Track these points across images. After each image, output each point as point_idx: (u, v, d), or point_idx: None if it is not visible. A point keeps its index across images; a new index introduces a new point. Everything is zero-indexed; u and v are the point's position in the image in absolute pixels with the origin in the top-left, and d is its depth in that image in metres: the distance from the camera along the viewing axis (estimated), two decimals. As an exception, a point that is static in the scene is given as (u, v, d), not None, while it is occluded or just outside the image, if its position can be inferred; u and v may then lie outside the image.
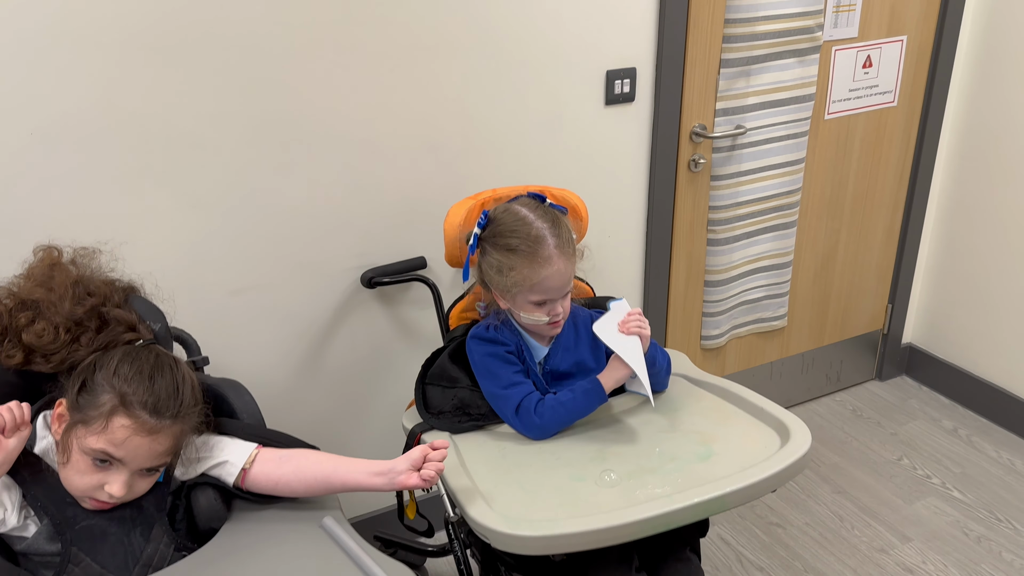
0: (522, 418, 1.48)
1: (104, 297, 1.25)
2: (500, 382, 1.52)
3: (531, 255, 1.46)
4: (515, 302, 1.52)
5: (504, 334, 1.57)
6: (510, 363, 1.54)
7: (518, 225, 1.48)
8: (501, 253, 1.48)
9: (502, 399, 1.51)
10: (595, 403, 1.48)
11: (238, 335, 1.87)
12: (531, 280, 1.46)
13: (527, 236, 1.47)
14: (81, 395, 1.16)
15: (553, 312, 1.50)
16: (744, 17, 2.18)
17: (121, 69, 1.58)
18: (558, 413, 1.48)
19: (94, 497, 1.17)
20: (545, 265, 1.45)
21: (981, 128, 2.61)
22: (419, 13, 1.81)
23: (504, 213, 1.52)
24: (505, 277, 1.47)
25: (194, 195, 1.73)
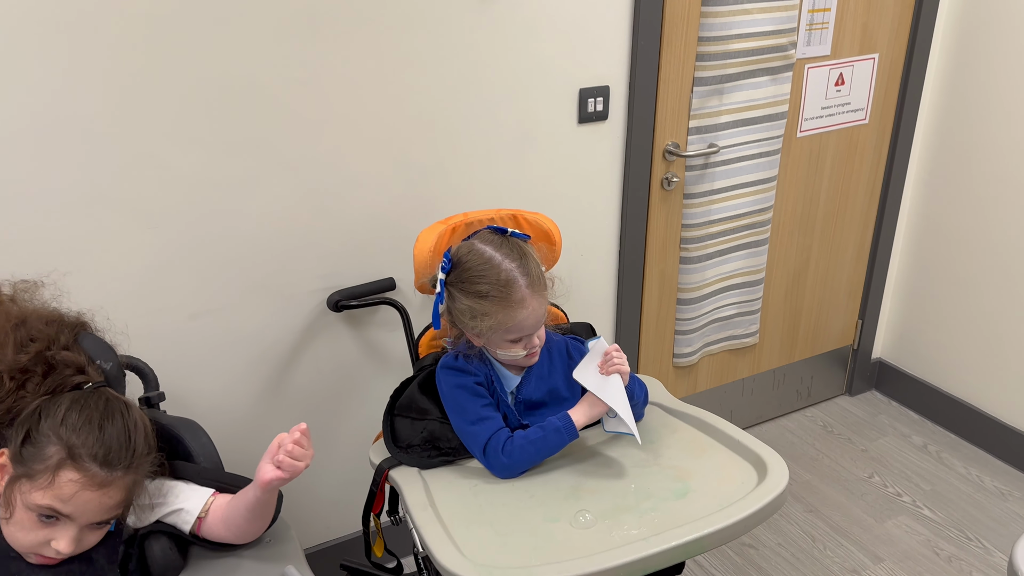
0: (490, 457, 1.44)
1: (49, 340, 1.17)
2: (468, 417, 1.47)
3: (503, 300, 1.41)
4: (491, 341, 1.47)
5: (474, 364, 1.52)
6: (479, 396, 1.49)
7: (486, 269, 1.42)
8: (471, 299, 1.43)
9: (470, 436, 1.47)
10: (566, 441, 1.44)
11: (197, 361, 1.80)
12: (505, 324, 1.42)
13: (497, 281, 1.41)
14: (25, 447, 1.09)
15: (530, 345, 1.47)
16: (718, 35, 2.16)
17: (70, 81, 1.50)
18: (527, 452, 1.44)
19: (40, 553, 1.10)
20: (519, 308, 1.41)
21: (951, 146, 2.62)
22: (387, 28, 1.75)
23: (469, 255, 1.45)
24: (479, 322, 1.43)
25: (149, 216, 1.65)
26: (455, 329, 1.52)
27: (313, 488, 2.06)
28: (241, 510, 1.21)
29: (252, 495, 1.20)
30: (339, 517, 2.13)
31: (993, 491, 2.53)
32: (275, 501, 1.26)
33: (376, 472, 1.50)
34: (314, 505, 2.08)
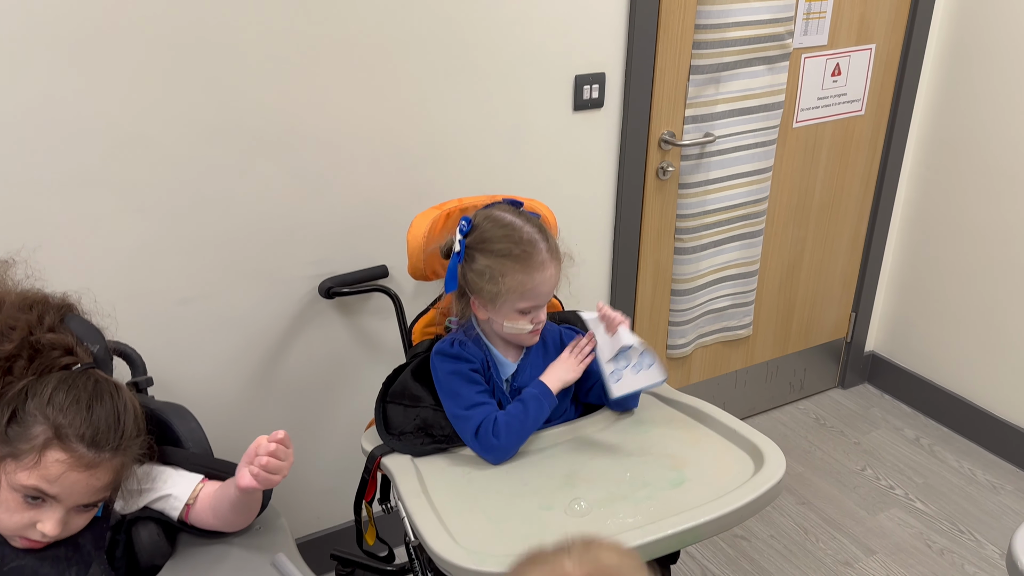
0: (482, 440, 1.42)
1: (30, 324, 1.14)
2: (462, 402, 1.46)
3: (525, 260, 1.41)
4: (499, 311, 1.46)
5: (470, 349, 1.50)
6: (474, 382, 1.48)
7: (509, 230, 1.43)
8: (492, 259, 1.42)
9: (463, 420, 1.45)
10: (546, 408, 1.45)
11: (186, 347, 1.77)
12: (525, 286, 1.41)
13: (520, 240, 1.42)
14: (11, 426, 1.06)
15: (537, 320, 1.47)
16: (715, 23, 2.14)
17: (61, 66, 1.47)
18: (512, 428, 1.43)
19: (25, 536, 1.08)
20: (539, 270, 1.41)
21: (946, 139, 2.61)
22: (382, 14, 1.72)
23: (488, 219, 1.46)
24: (496, 284, 1.41)
25: (139, 199, 1.63)
26: (461, 303, 1.50)
27: (303, 477, 2.03)
28: (225, 503, 1.19)
29: (233, 492, 1.16)
30: (329, 507, 2.11)
31: (985, 484, 2.53)
32: (258, 498, 1.22)
33: (368, 459, 1.48)
34: (304, 494, 2.06)
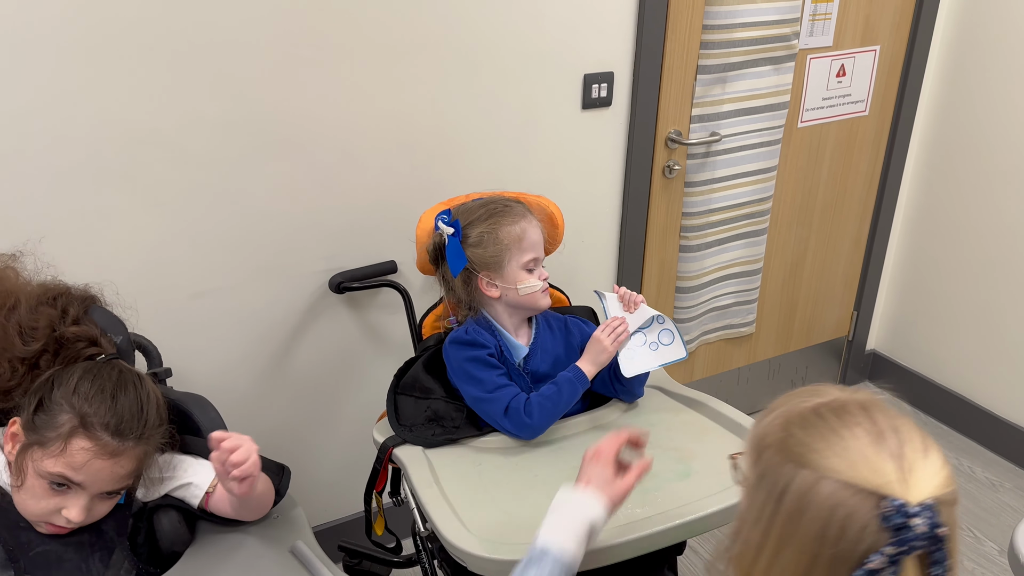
0: (512, 419, 1.45)
1: (52, 320, 1.16)
2: (485, 386, 1.48)
3: (509, 212, 1.52)
4: (506, 276, 1.51)
5: (483, 336, 1.53)
6: (492, 366, 1.51)
7: (485, 200, 1.57)
8: (482, 224, 1.52)
9: (488, 402, 1.47)
10: (579, 390, 1.50)
11: (199, 339, 1.80)
12: (519, 235, 1.50)
13: (498, 201, 1.55)
14: (38, 415, 1.09)
15: (542, 276, 1.54)
16: (722, 24, 2.17)
17: (80, 63, 1.50)
18: (546, 408, 1.47)
19: (50, 522, 1.11)
20: (524, 218, 1.52)
21: (949, 140, 2.64)
22: (394, 12, 1.75)
23: (462, 206, 1.58)
24: (496, 243, 1.50)
25: (154, 194, 1.65)
26: (467, 289, 1.54)
27: (311, 470, 2.06)
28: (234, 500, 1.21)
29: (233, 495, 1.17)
30: (337, 499, 2.13)
31: (984, 482, 2.56)
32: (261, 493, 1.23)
33: (380, 450, 1.50)
34: (312, 486, 2.09)
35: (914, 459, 0.76)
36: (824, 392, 0.84)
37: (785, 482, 0.78)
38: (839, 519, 0.74)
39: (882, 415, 0.80)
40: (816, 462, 0.76)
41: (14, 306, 1.19)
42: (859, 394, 0.83)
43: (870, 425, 0.78)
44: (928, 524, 0.73)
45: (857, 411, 0.80)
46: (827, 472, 0.76)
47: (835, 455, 0.76)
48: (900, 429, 0.78)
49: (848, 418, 0.79)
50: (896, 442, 0.77)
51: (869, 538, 0.73)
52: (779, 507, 0.78)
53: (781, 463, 0.79)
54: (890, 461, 0.75)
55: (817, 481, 0.76)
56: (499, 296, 1.53)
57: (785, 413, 0.83)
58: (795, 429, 0.80)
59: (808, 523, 0.76)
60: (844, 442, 0.77)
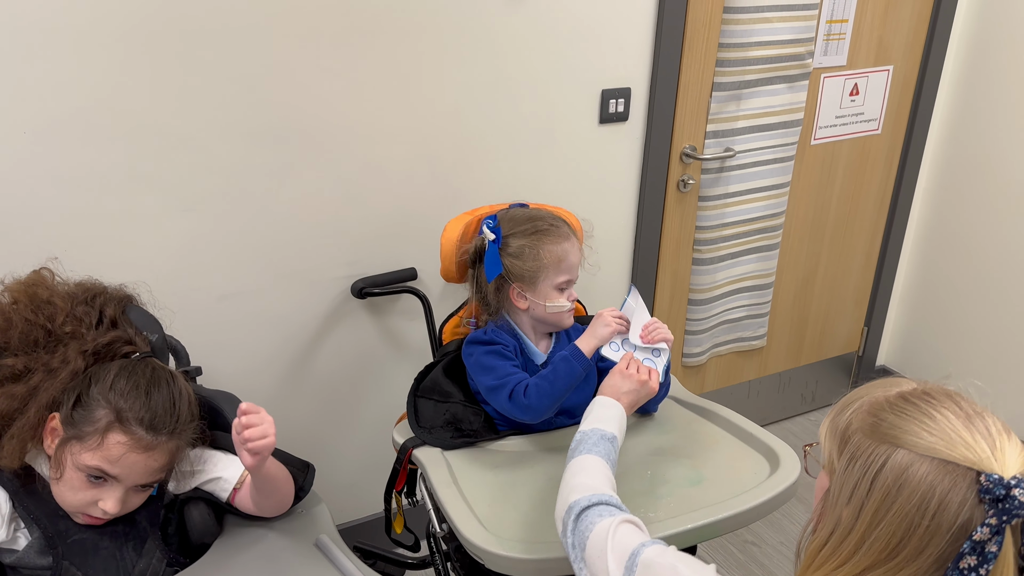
0: (515, 401, 1.48)
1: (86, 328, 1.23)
2: (497, 374, 1.52)
3: (554, 232, 1.55)
4: (538, 291, 1.54)
5: (502, 336, 1.58)
6: (507, 358, 1.55)
7: (534, 213, 1.59)
8: (525, 238, 1.54)
9: (497, 390, 1.50)
10: (575, 367, 1.47)
11: (224, 341, 1.85)
12: (559, 255, 1.53)
13: (545, 218, 1.58)
14: (76, 410, 1.14)
15: (571, 296, 1.57)
16: (738, 42, 2.21)
17: (116, 69, 1.56)
18: (542, 389, 1.47)
19: (87, 513, 1.15)
20: (567, 240, 1.56)
21: (960, 159, 2.67)
22: (419, 26, 1.80)
23: (509, 214, 1.61)
24: (535, 259, 1.53)
25: (186, 199, 1.71)
26: (498, 296, 1.58)
27: (329, 471, 2.10)
28: (252, 489, 1.25)
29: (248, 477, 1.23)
30: (353, 500, 2.17)
31: (992, 498, 2.57)
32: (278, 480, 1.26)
33: (400, 450, 1.54)
34: (330, 488, 2.11)
35: (1001, 439, 0.83)
36: (902, 383, 0.91)
37: (881, 462, 0.83)
38: (939, 494, 0.80)
39: (965, 401, 0.87)
40: (912, 442, 0.82)
41: (49, 301, 1.24)
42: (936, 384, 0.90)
43: (956, 407, 0.85)
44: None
45: (943, 396, 0.86)
46: (925, 451, 0.81)
47: (930, 434, 0.82)
48: (984, 413, 0.86)
49: (936, 403, 0.85)
50: (983, 424, 0.84)
51: (966, 512, 0.79)
52: (873, 485, 0.83)
53: (874, 445, 0.84)
54: (983, 440, 0.82)
55: (914, 460, 0.82)
56: (527, 308, 1.57)
57: (869, 401, 0.89)
58: (885, 414, 0.86)
59: (906, 499, 0.81)
60: (938, 423, 0.83)
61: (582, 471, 1.15)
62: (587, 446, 1.20)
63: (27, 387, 1.15)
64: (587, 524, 1.05)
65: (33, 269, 1.32)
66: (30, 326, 1.19)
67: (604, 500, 1.08)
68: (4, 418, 1.14)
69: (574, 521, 1.07)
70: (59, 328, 1.21)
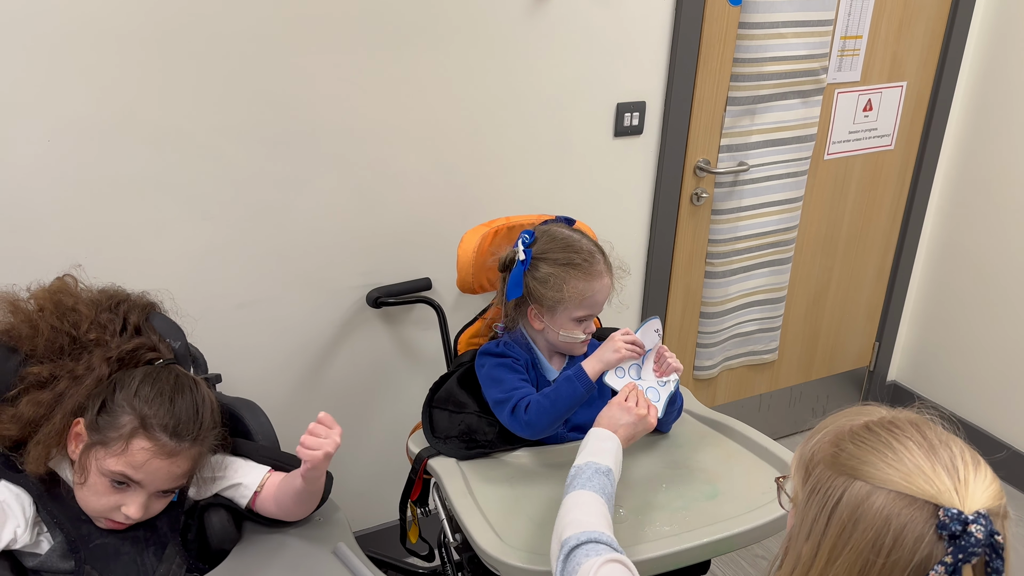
0: (516, 417, 1.49)
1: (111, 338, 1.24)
2: (504, 387, 1.53)
3: (586, 268, 1.51)
4: (556, 319, 1.54)
5: (515, 350, 1.59)
6: (516, 371, 1.56)
7: (569, 241, 1.55)
8: (555, 267, 1.52)
9: (503, 404, 1.51)
10: (578, 388, 1.45)
11: (240, 349, 1.86)
12: (584, 294, 1.50)
13: (581, 250, 1.53)
14: (101, 415, 1.15)
15: (588, 329, 1.56)
16: (752, 57, 2.23)
17: (140, 78, 1.58)
18: (543, 407, 1.48)
19: (110, 517, 1.16)
20: (598, 278, 1.52)
21: (973, 176, 2.68)
22: (438, 39, 1.82)
23: (548, 233, 1.57)
24: (559, 291, 1.50)
25: (205, 207, 1.72)
26: (517, 312, 1.58)
27: (341, 480, 2.08)
28: (290, 492, 1.27)
29: (298, 481, 1.24)
30: (365, 510, 2.18)
31: (1003, 515, 2.57)
32: (321, 488, 1.30)
33: (416, 460, 1.55)
34: (340, 497, 2.11)
35: (966, 472, 0.77)
36: (871, 411, 0.86)
37: (838, 495, 0.79)
38: (894, 529, 0.75)
39: (931, 430, 0.82)
40: (870, 474, 0.78)
41: (73, 308, 1.26)
42: (905, 412, 0.85)
43: (922, 439, 0.80)
44: (985, 532, 0.73)
45: (908, 426, 0.82)
46: (881, 483, 0.77)
47: (889, 466, 0.77)
48: (951, 443, 0.80)
49: (899, 432, 0.81)
50: (948, 455, 0.78)
51: (924, 549, 0.74)
52: (831, 520, 0.79)
53: (833, 477, 0.80)
54: (944, 473, 0.77)
55: (871, 492, 0.77)
56: (541, 330, 1.58)
57: (834, 431, 0.84)
58: (846, 444, 0.81)
59: (861, 534, 0.76)
60: (897, 454, 0.78)
61: (576, 507, 1.13)
62: (582, 481, 1.18)
63: (53, 394, 1.17)
64: (575, 563, 1.03)
65: (57, 276, 1.33)
66: (56, 333, 1.21)
67: (595, 538, 1.05)
68: (30, 424, 1.16)
69: (563, 559, 1.05)
70: (84, 335, 1.23)
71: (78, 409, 1.17)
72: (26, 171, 1.54)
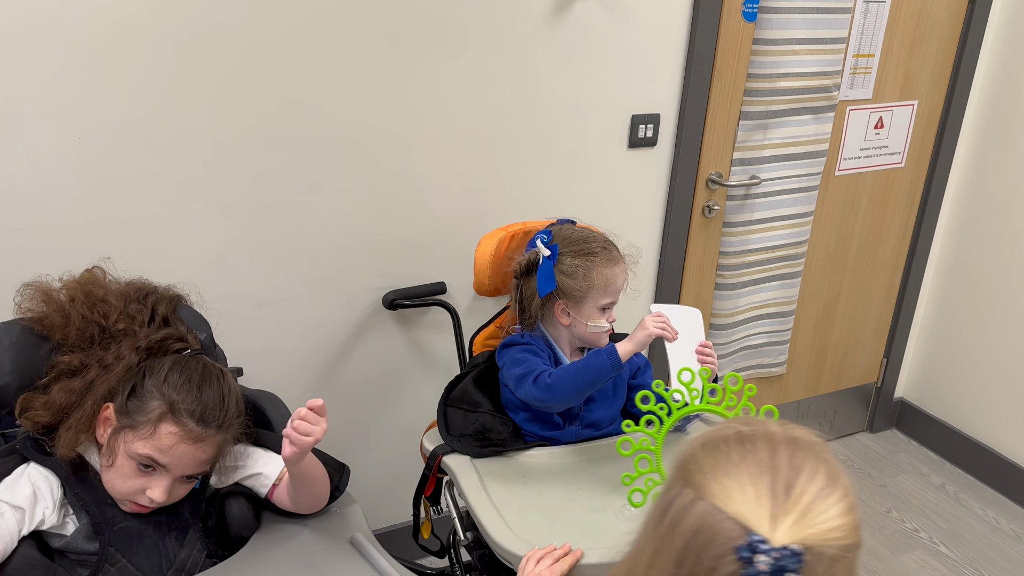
0: (539, 384, 1.51)
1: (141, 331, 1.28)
2: (527, 366, 1.55)
3: (607, 255, 1.59)
4: (583, 310, 1.58)
5: (538, 343, 1.62)
6: (540, 357, 1.60)
7: (587, 234, 1.63)
8: (579, 258, 1.58)
9: (524, 377, 1.53)
10: (605, 364, 1.48)
11: (258, 347, 1.90)
12: (608, 279, 1.57)
13: (599, 240, 1.62)
14: (130, 400, 1.18)
15: (611, 318, 1.61)
16: (766, 73, 2.26)
17: (168, 81, 1.62)
18: (568, 372, 1.50)
19: (135, 501, 1.19)
20: (617, 264, 1.60)
21: (982, 195, 2.71)
22: (459, 48, 1.87)
23: (563, 231, 1.64)
24: (586, 279, 1.56)
25: (228, 207, 1.76)
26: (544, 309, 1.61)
27: (353, 479, 2.12)
28: (289, 483, 1.29)
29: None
30: (375, 510, 2.20)
31: (1009, 533, 2.57)
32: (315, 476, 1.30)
33: (430, 457, 1.58)
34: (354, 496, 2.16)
35: (800, 500, 0.73)
36: (754, 423, 0.82)
37: (671, 498, 0.78)
38: (701, 540, 0.73)
39: (789, 452, 0.77)
40: (700, 483, 0.76)
41: (103, 299, 1.30)
42: (793, 430, 0.80)
43: (767, 458, 0.76)
44: (773, 567, 0.70)
45: (763, 444, 0.78)
46: (704, 493, 0.75)
47: (716, 479, 0.75)
48: (802, 469, 0.75)
49: (749, 447, 0.77)
50: (787, 481, 0.74)
51: (725, 568, 0.72)
52: (660, 522, 0.78)
53: (675, 480, 0.79)
54: (768, 497, 0.73)
55: (694, 500, 0.75)
56: (569, 324, 1.61)
57: (704, 436, 0.82)
58: (699, 449, 0.80)
59: (675, 539, 0.75)
60: (732, 468, 0.76)
61: None
62: None
63: (84, 381, 1.20)
64: None
65: (86, 268, 1.37)
66: (86, 323, 1.25)
67: None
68: (62, 411, 1.19)
69: None
70: (113, 325, 1.26)
71: (108, 395, 1.20)
72: (56, 169, 1.58)
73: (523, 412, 1.62)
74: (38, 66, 1.51)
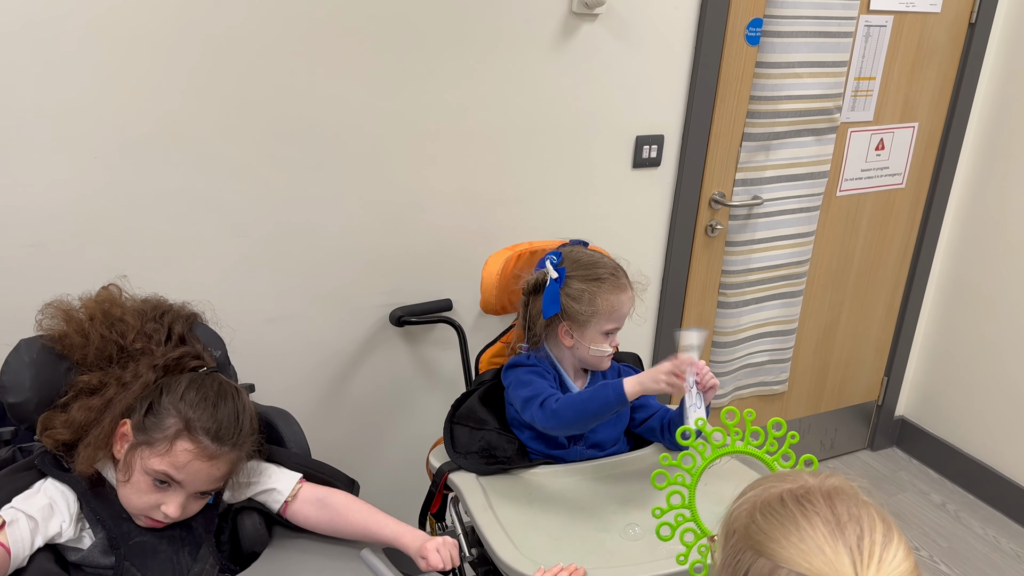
0: (544, 409, 1.53)
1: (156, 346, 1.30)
2: (533, 388, 1.57)
3: (614, 283, 1.60)
4: (586, 334, 1.60)
5: (544, 364, 1.64)
6: (546, 379, 1.62)
7: (595, 259, 1.65)
8: (586, 283, 1.60)
9: (531, 401, 1.55)
10: (611, 397, 1.48)
11: (266, 363, 1.91)
12: (613, 306, 1.58)
13: (608, 266, 1.63)
14: (147, 417, 1.21)
15: (614, 342, 1.63)
16: (769, 95, 2.30)
17: (182, 99, 1.65)
18: (573, 401, 1.52)
19: (149, 516, 1.22)
20: (624, 291, 1.62)
21: (982, 216, 2.74)
22: (464, 70, 1.90)
23: (573, 253, 1.66)
24: (592, 304, 1.58)
25: (239, 224, 1.79)
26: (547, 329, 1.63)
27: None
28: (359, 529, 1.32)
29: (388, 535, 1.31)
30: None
31: (1009, 553, 2.59)
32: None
33: (436, 474, 1.60)
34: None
35: (872, 551, 0.76)
36: (794, 478, 0.84)
37: (744, 569, 0.79)
38: None
39: (844, 504, 0.80)
40: (774, 551, 0.77)
41: (121, 318, 1.32)
42: (830, 480, 0.84)
43: (830, 514, 0.79)
44: None
45: (819, 500, 0.80)
46: (783, 562, 0.76)
47: (792, 545, 0.77)
48: (862, 519, 0.79)
49: (808, 507, 0.79)
50: (856, 533, 0.77)
51: None
52: None
53: (743, 550, 0.80)
54: (845, 554, 0.76)
55: (773, 571, 0.76)
56: (571, 346, 1.63)
57: (753, 498, 0.84)
58: (758, 516, 0.81)
59: None
60: (802, 532, 0.78)
61: None
62: None
63: (102, 400, 1.23)
64: None
65: (103, 285, 1.40)
66: (105, 342, 1.27)
67: None
68: (81, 428, 1.22)
69: None
70: (131, 344, 1.29)
71: (125, 411, 1.23)
72: (73, 186, 1.61)
73: (528, 430, 1.64)
74: (56, 85, 1.54)
